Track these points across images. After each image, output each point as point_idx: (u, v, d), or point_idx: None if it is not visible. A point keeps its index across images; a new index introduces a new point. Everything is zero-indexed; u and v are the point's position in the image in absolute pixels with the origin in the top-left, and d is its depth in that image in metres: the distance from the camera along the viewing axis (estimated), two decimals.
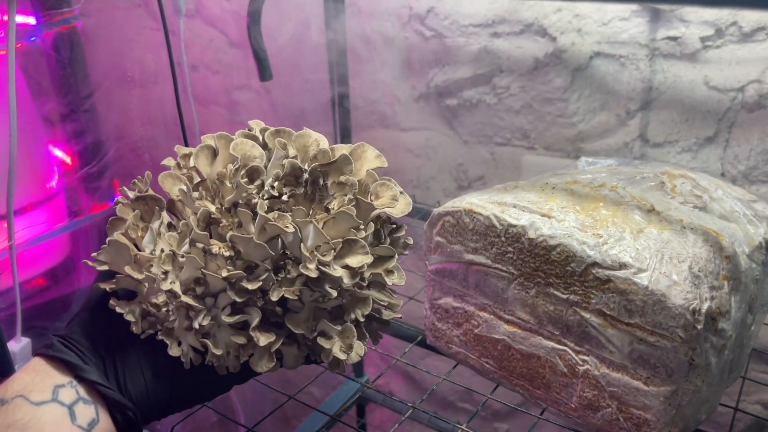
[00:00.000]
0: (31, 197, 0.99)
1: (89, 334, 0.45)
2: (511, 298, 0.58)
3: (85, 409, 0.42)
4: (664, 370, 0.50)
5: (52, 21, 1.00)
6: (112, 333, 0.46)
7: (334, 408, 0.95)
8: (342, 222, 0.45)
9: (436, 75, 1.01)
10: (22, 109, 0.94)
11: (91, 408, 0.42)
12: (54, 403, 0.41)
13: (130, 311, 0.45)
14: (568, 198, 0.59)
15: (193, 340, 0.45)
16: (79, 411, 0.42)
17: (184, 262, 0.43)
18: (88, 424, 0.42)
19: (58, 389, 0.42)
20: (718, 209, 0.60)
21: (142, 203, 0.47)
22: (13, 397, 0.41)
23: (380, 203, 0.48)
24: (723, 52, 0.79)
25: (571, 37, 0.87)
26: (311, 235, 0.44)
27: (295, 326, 0.45)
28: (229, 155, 0.47)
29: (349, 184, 0.47)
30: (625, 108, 0.87)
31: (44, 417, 0.40)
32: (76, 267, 1.05)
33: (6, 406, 0.40)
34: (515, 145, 0.98)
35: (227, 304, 0.44)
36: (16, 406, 0.40)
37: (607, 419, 0.55)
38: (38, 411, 0.40)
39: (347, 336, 0.46)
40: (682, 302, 0.48)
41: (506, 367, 0.61)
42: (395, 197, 0.48)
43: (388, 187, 0.48)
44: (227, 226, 0.44)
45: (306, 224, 0.44)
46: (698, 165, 0.85)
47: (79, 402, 0.42)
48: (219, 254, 0.43)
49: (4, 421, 0.40)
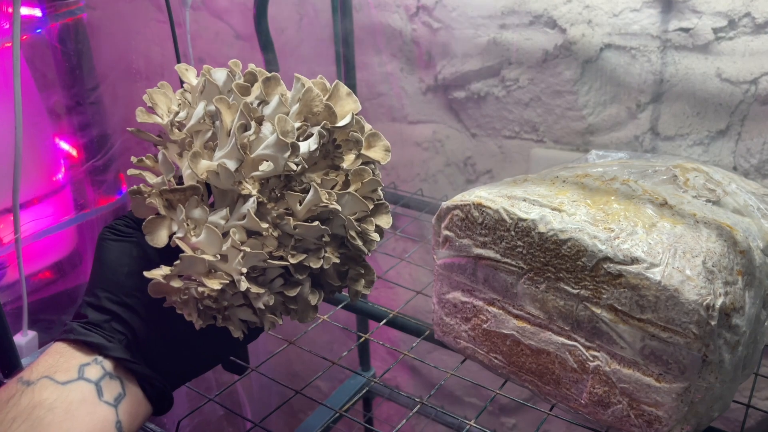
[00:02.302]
0: (37, 190, 0.99)
1: (107, 311, 0.45)
2: (521, 293, 0.58)
3: (111, 384, 0.42)
4: (677, 366, 0.49)
5: (58, 13, 0.99)
6: (131, 307, 0.46)
7: (340, 402, 0.95)
8: (367, 186, 0.48)
9: (444, 67, 1.00)
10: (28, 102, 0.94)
11: (117, 383, 0.43)
12: (81, 381, 0.41)
13: (188, 313, 0.45)
14: (578, 191, 0.58)
15: (248, 314, 0.46)
16: (106, 386, 0.42)
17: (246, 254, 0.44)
18: (114, 399, 0.42)
19: (83, 367, 0.42)
20: (732, 203, 0.59)
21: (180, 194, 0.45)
22: (39, 378, 0.41)
23: (375, 155, 0.50)
24: (736, 44, 0.77)
25: (581, 28, 0.86)
26: (349, 204, 0.46)
27: (333, 281, 0.49)
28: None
29: (354, 141, 0.48)
30: (636, 101, 0.86)
31: (71, 395, 0.41)
32: (82, 260, 1.05)
33: (32, 386, 0.41)
34: (524, 138, 0.97)
35: (277, 276, 0.46)
36: (42, 387, 0.40)
37: (617, 416, 0.54)
38: (65, 390, 0.41)
39: (369, 274, 0.51)
40: (695, 298, 0.47)
41: (515, 363, 0.60)
42: (387, 148, 0.51)
43: (378, 137, 0.51)
44: (272, 208, 0.45)
45: (343, 195, 0.46)
46: (710, 158, 0.84)
47: (106, 377, 0.42)
48: (269, 236, 0.44)
49: (30, 401, 0.40)
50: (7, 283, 0.85)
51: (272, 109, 0.47)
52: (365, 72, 1.06)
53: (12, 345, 0.65)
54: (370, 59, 1.05)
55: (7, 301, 0.82)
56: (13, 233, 0.72)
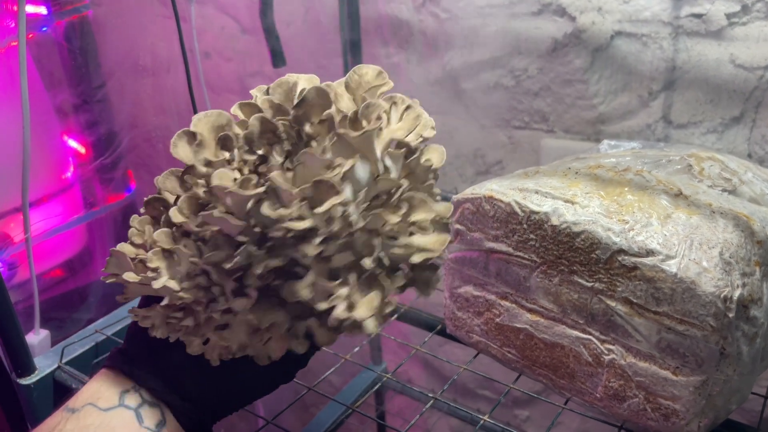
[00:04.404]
0: (47, 189, 0.99)
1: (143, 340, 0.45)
2: (534, 287, 0.57)
3: (151, 412, 0.43)
4: (694, 359, 0.49)
5: (63, 10, 0.99)
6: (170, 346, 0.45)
7: (352, 396, 0.95)
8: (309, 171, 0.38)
9: (452, 58, 0.99)
10: (35, 101, 0.94)
11: (157, 410, 0.44)
12: (121, 408, 0.43)
13: (144, 317, 0.43)
14: (591, 183, 0.57)
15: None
16: (146, 414, 0.43)
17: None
18: (156, 425, 0.43)
19: (124, 395, 0.43)
20: (748, 192, 0.58)
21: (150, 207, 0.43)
22: (83, 406, 0.43)
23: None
24: (750, 29, 0.76)
25: (591, 16, 0.85)
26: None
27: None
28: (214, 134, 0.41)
29: (327, 119, 0.40)
30: (648, 88, 0.85)
31: (113, 421, 0.42)
32: (93, 258, 1.05)
33: (77, 413, 0.42)
34: (534, 129, 0.96)
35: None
36: (86, 414, 0.42)
37: (634, 409, 0.53)
38: (107, 416, 0.42)
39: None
40: (712, 290, 0.47)
41: (529, 357, 0.60)
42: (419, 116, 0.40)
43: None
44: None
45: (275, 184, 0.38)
46: (724, 146, 0.82)
47: (145, 405, 0.43)
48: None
49: (75, 427, 0.42)
50: (18, 282, 0.86)
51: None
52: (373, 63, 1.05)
53: (24, 344, 0.65)
54: (377, 51, 1.05)
55: (19, 300, 0.82)
56: (24, 232, 0.72)
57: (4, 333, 0.62)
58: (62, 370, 0.68)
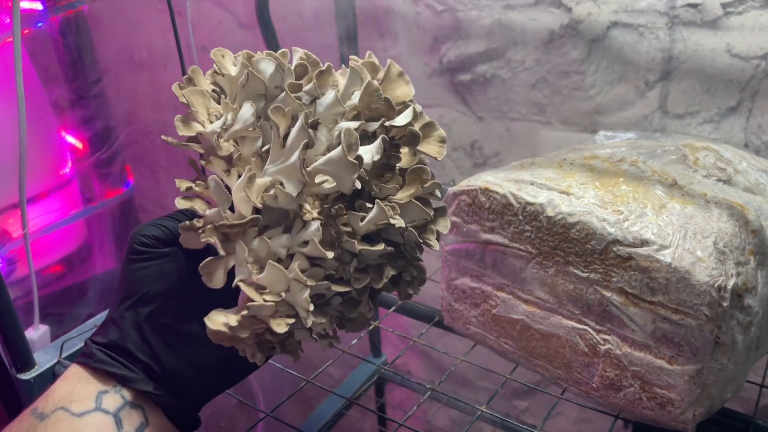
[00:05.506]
0: (44, 184, 0.99)
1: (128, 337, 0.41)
2: (530, 278, 0.57)
3: (132, 414, 0.39)
4: (689, 348, 0.49)
5: (59, 6, 0.99)
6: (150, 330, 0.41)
7: (352, 389, 0.95)
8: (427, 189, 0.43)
9: (448, 50, 0.98)
10: (31, 96, 0.93)
11: (138, 412, 0.40)
12: (97, 413, 0.38)
13: (252, 354, 0.41)
14: (587, 174, 0.57)
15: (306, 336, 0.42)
16: (126, 417, 0.39)
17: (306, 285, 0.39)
18: (136, 430, 0.39)
19: (101, 396, 0.39)
20: (743, 182, 0.58)
21: (239, 228, 0.39)
22: (54, 410, 0.38)
23: (430, 150, 0.44)
24: (745, 19, 0.76)
25: (587, 6, 0.84)
26: (409, 213, 0.42)
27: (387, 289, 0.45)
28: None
29: (411, 136, 0.44)
30: (644, 79, 0.85)
31: (87, 429, 0.37)
32: (91, 253, 1.06)
33: (46, 421, 0.38)
34: (531, 120, 0.96)
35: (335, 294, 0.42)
36: (56, 420, 0.37)
37: (629, 399, 0.53)
38: (80, 423, 0.37)
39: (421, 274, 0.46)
40: (707, 279, 0.47)
41: (525, 348, 0.60)
42: (442, 139, 0.44)
43: (433, 127, 0.44)
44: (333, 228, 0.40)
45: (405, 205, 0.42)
46: (720, 136, 0.82)
47: (125, 407, 0.39)
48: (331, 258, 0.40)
49: None
50: (17, 278, 0.86)
51: (325, 107, 0.42)
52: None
53: (24, 339, 0.65)
54: (373, 44, 1.04)
55: (18, 296, 0.82)
56: (22, 228, 0.72)
57: (4, 328, 0.63)
58: (62, 365, 0.68)
